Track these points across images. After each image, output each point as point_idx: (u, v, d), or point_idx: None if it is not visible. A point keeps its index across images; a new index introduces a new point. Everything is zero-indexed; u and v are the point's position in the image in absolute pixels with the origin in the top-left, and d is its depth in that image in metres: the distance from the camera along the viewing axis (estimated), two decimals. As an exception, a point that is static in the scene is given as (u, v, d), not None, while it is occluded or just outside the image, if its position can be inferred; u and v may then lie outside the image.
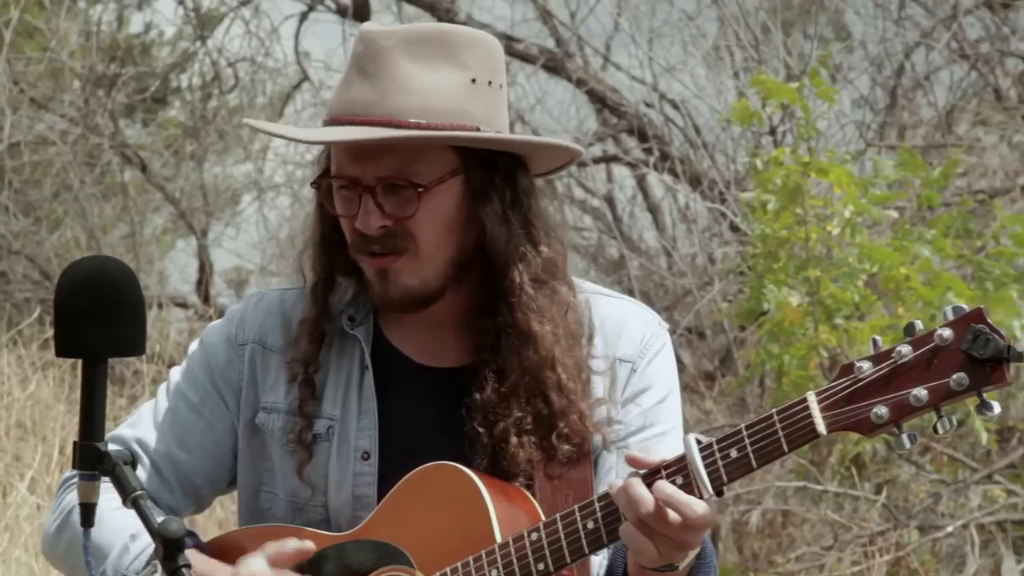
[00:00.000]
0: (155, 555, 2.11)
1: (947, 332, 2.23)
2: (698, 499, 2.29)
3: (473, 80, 2.48)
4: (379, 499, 2.50)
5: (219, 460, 2.60)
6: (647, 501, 2.29)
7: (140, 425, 2.61)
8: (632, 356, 2.54)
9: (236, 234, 11.83)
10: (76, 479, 2.21)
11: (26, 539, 6.61)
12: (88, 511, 2.14)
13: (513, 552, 2.39)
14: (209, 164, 11.51)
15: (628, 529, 2.32)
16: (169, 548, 2.06)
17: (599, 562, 2.52)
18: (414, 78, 2.45)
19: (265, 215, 11.03)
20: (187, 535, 2.16)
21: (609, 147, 10.16)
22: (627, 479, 2.33)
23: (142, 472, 2.56)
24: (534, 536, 2.39)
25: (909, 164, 6.53)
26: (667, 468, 2.32)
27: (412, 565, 2.44)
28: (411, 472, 2.46)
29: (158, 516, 2.11)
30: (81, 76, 10.50)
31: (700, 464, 2.29)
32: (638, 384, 2.54)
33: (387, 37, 2.48)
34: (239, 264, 11.92)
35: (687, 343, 8.88)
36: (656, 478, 2.32)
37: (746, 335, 8.21)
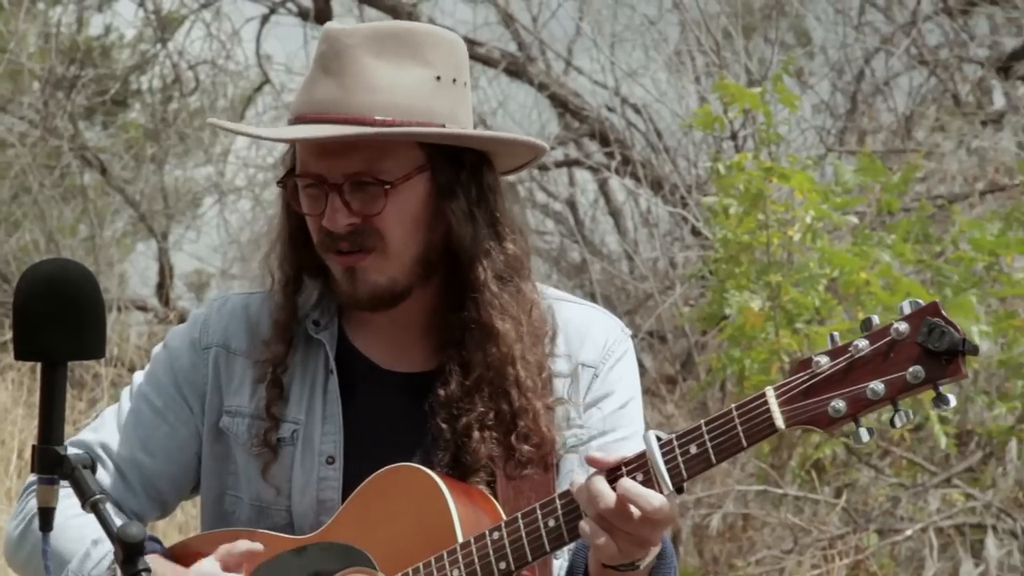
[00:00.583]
0: (115, 559, 2.10)
1: (903, 326, 2.25)
2: (657, 493, 2.30)
3: (438, 77, 2.48)
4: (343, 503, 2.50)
5: (183, 464, 2.59)
6: (607, 496, 2.30)
7: (103, 430, 2.60)
8: (595, 361, 2.55)
9: (197, 237, 11.78)
10: (37, 484, 2.20)
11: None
12: (47, 515, 2.13)
13: (475, 551, 2.39)
14: (170, 167, 11.47)
15: (589, 526, 2.32)
16: (129, 552, 2.05)
17: (560, 564, 2.53)
18: (379, 76, 2.45)
19: (226, 218, 10.99)
20: (148, 539, 2.15)
21: (571, 151, 10.17)
22: (588, 476, 2.33)
23: (106, 477, 2.55)
24: (496, 535, 2.39)
25: (869, 169, 6.57)
26: (627, 465, 2.33)
27: (374, 567, 2.44)
28: (374, 474, 2.46)
29: (119, 520, 2.10)
30: (40, 78, 10.44)
31: (660, 460, 2.30)
32: (600, 389, 2.55)
33: (351, 35, 2.48)
34: (200, 267, 11.89)
35: (649, 347, 8.90)
36: (617, 475, 2.32)
37: (707, 339, 8.24)
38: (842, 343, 2.28)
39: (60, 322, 2.09)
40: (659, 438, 2.32)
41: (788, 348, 6.19)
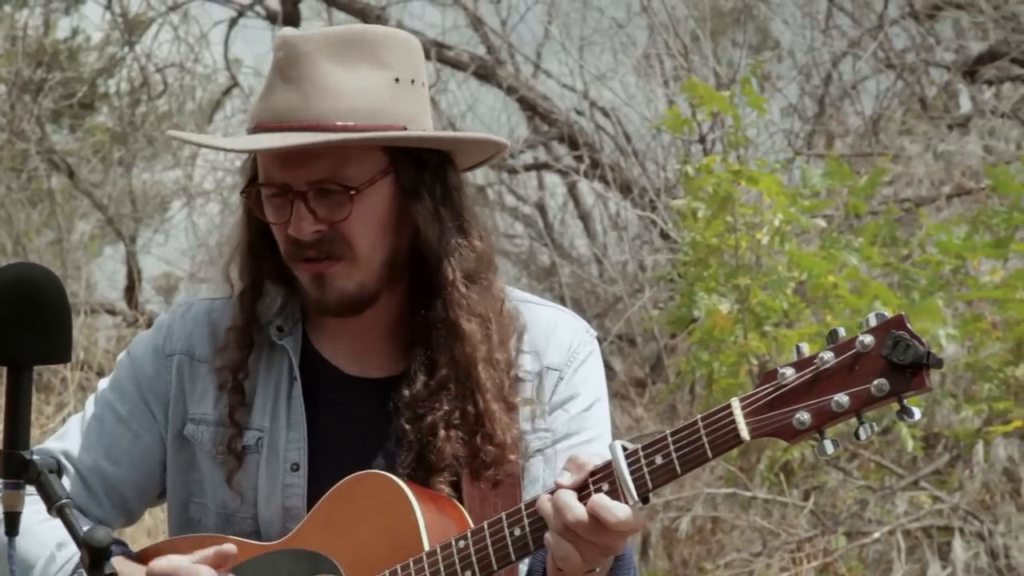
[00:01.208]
0: (81, 563, 2.09)
1: (868, 338, 2.25)
2: (623, 505, 2.30)
3: (396, 79, 2.48)
4: (309, 511, 2.49)
5: (148, 472, 2.58)
6: (574, 509, 2.30)
7: (68, 438, 2.59)
8: (560, 364, 2.55)
9: (165, 240, 11.77)
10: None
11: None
12: (12, 520, 2.12)
13: (440, 560, 2.39)
14: (138, 170, 11.45)
15: (553, 537, 2.32)
16: (95, 556, 2.05)
17: (523, 570, 2.52)
18: (337, 80, 2.44)
19: (195, 221, 10.97)
20: (114, 543, 2.14)
21: (540, 154, 10.18)
22: (555, 489, 2.33)
23: (70, 485, 2.54)
24: (461, 544, 2.39)
25: (836, 172, 6.60)
26: (593, 475, 2.32)
27: (340, 574, 2.43)
28: (341, 481, 2.45)
29: (85, 525, 2.09)
30: (7, 81, 10.40)
31: (626, 471, 2.30)
32: (565, 391, 2.54)
33: (307, 41, 2.47)
34: (168, 271, 11.86)
35: (618, 350, 8.91)
36: (583, 485, 2.32)
37: (676, 342, 8.25)
38: (808, 354, 2.29)
39: (25, 326, 2.09)
40: (625, 448, 2.32)
41: (756, 351, 6.21)
